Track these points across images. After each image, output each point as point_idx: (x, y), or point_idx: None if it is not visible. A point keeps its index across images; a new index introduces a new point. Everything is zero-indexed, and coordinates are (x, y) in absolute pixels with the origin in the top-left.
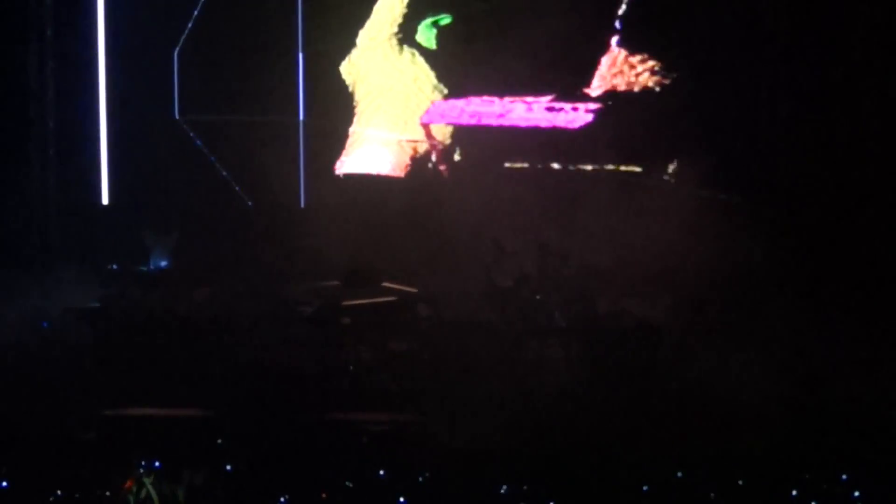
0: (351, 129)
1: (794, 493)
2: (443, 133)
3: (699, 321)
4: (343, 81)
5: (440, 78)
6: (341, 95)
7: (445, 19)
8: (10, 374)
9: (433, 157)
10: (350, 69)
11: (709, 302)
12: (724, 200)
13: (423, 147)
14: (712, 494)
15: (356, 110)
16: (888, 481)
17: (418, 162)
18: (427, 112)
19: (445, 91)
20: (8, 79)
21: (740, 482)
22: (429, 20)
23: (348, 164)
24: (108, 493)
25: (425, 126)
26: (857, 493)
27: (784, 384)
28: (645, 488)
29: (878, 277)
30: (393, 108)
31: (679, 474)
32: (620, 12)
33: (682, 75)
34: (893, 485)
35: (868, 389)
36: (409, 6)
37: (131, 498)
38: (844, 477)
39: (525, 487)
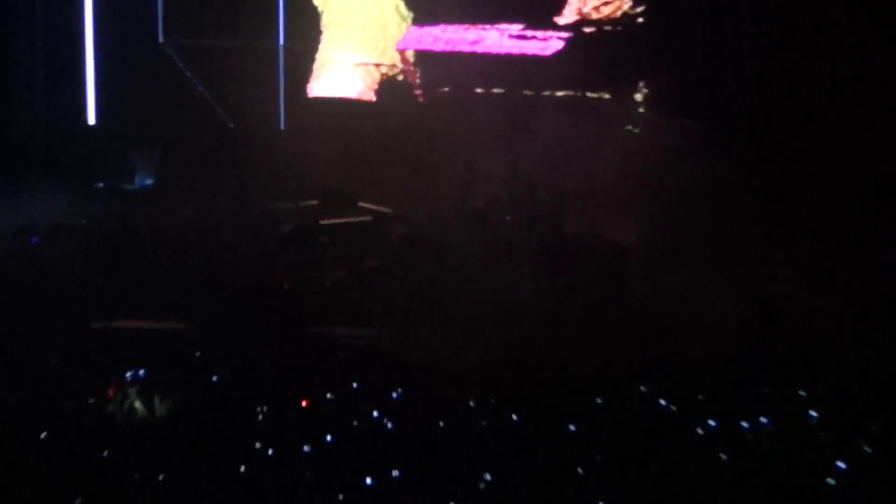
0: (318, 53)
1: (751, 406)
2: (416, 58)
3: (665, 242)
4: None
5: (413, 4)
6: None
7: None
8: None
9: (407, 82)
10: None
11: (674, 223)
12: (690, 125)
13: (396, 72)
14: (673, 407)
15: (324, 34)
16: (845, 399)
17: (392, 86)
18: (403, 39)
19: (417, 16)
20: None
21: (700, 396)
22: None
23: (317, 87)
24: (92, 401)
25: (401, 52)
26: (813, 412)
27: (746, 302)
28: (599, 401)
29: (842, 198)
30: (363, 32)
31: (642, 388)
32: None
33: (651, 4)
34: (849, 402)
35: (829, 309)
36: None
37: (116, 408)
38: (803, 393)
39: (492, 401)
